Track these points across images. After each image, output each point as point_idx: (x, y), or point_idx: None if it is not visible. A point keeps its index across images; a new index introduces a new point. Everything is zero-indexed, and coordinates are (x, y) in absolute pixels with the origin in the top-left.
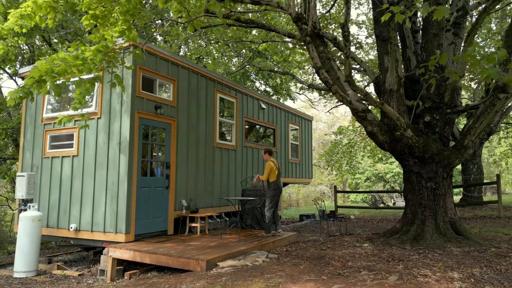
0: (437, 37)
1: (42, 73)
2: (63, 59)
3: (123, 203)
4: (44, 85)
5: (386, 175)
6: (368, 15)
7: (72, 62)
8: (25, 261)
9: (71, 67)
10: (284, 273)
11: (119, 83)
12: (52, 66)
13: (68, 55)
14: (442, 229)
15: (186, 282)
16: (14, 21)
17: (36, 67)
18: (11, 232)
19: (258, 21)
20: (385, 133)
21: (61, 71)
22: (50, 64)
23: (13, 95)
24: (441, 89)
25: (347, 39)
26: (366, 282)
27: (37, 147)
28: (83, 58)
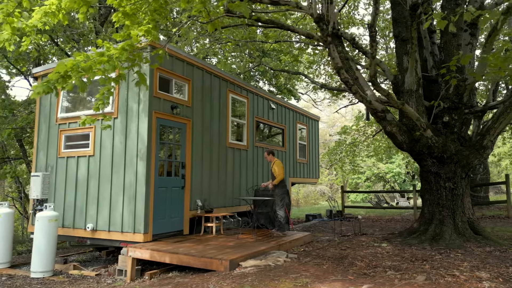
0: (456, 37)
1: (68, 68)
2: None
3: (141, 203)
4: (69, 81)
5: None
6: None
7: (97, 59)
8: (41, 261)
9: (96, 64)
10: (309, 273)
11: (143, 82)
12: (78, 62)
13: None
14: (461, 229)
15: (212, 282)
16: (38, 18)
17: (62, 63)
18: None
19: (278, 21)
20: (404, 133)
21: (86, 67)
22: (76, 60)
23: (37, 89)
24: (460, 90)
25: (374, 40)
26: (394, 282)
27: (51, 147)
28: (108, 55)
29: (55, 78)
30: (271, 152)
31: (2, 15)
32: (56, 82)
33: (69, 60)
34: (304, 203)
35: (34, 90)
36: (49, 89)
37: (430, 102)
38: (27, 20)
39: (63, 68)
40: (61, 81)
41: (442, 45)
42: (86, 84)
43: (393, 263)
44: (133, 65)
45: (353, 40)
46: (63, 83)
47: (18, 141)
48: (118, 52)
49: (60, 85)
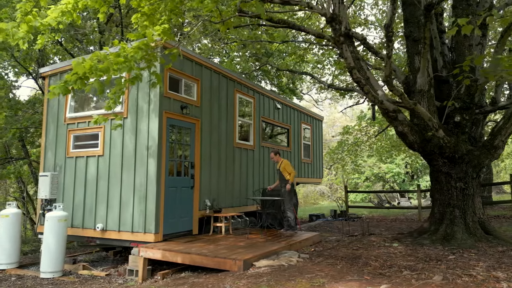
0: (468, 38)
1: (86, 70)
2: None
3: (152, 202)
4: (87, 82)
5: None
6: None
7: (114, 60)
8: (51, 262)
9: (113, 65)
10: (324, 273)
11: (159, 82)
12: (96, 64)
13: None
14: (472, 229)
15: (228, 282)
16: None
17: (79, 64)
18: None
19: (289, 21)
20: (415, 133)
21: (104, 68)
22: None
23: (54, 90)
24: (472, 90)
25: (390, 40)
26: (411, 282)
27: (60, 147)
28: (124, 55)
29: (73, 79)
30: (278, 153)
31: (20, 14)
32: (73, 83)
33: (87, 61)
34: (303, 203)
35: (51, 91)
36: (66, 90)
37: (440, 102)
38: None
39: (82, 70)
40: (79, 83)
41: (453, 45)
42: (104, 85)
43: (408, 263)
44: (149, 66)
45: (364, 40)
46: (81, 85)
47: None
48: (134, 51)
49: (77, 86)
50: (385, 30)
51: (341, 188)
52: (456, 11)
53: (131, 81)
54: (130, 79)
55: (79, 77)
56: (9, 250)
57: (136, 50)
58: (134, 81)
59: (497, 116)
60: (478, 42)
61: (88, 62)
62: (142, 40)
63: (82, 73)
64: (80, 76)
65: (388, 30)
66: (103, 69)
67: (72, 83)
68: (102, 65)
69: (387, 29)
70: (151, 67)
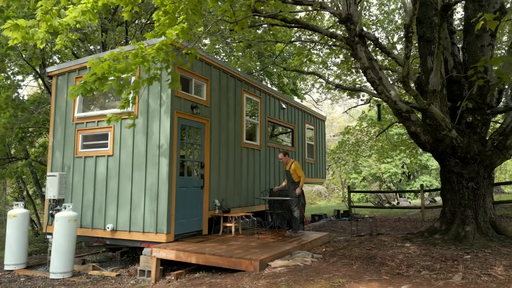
0: (480, 38)
1: (105, 70)
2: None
3: (164, 202)
4: (108, 82)
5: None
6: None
7: (132, 61)
8: (61, 262)
9: (131, 65)
10: (341, 273)
11: (177, 83)
12: (115, 64)
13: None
14: (483, 229)
15: (246, 282)
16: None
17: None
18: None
19: (302, 21)
20: (427, 134)
21: (123, 68)
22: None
23: (74, 91)
24: (484, 90)
25: (409, 40)
26: (431, 282)
27: (68, 146)
28: (143, 56)
29: (92, 80)
30: (286, 153)
31: (40, 13)
32: (92, 84)
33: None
34: None
35: (71, 92)
36: (86, 91)
37: (450, 102)
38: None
39: (101, 70)
40: (97, 83)
41: (465, 46)
42: (123, 85)
43: (425, 263)
44: (167, 66)
45: (376, 40)
46: (100, 85)
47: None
48: (155, 52)
49: (96, 86)
50: (405, 31)
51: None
52: (467, 12)
53: (148, 81)
54: (148, 79)
55: (98, 77)
56: (17, 250)
57: (156, 50)
58: (151, 81)
59: (497, 116)
60: (488, 42)
61: (106, 62)
62: (162, 41)
63: (101, 73)
64: (98, 76)
65: (408, 30)
66: (122, 69)
67: (91, 83)
68: (120, 65)
69: (406, 29)
70: (169, 67)
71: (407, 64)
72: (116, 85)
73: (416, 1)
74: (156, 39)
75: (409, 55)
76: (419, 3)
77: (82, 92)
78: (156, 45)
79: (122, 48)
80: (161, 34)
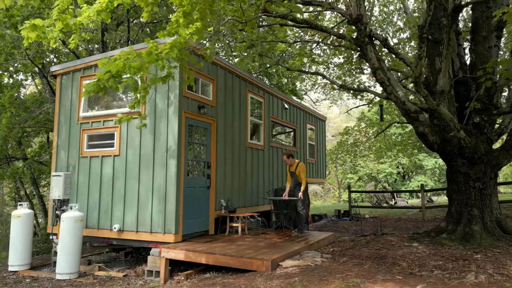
0: (487, 39)
1: (120, 68)
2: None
3: (172, 203)
4: (124, 80)
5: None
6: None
7: (146, 59)
8: (67, 263)
9: (145, 63)
10: (353, 273)
11: (191, 81)
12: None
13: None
14: (490, 228)
15: (260, 282)
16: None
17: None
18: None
19: (312, 22)
20: (435, 134)
21: (138, 66)
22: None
23: (88, 88)
24: (491, 91)
25: (423, 41)
26: (445, 281)
27: (73, 146)
28: (157, 54)
29: (106, 78)
30: (291, 155)
31: (56, 12)
32: (107, 81)
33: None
34: None
35: (86, 89)
36: (100, 88)
37: (456, 103)
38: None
39: (115, 68)
40: (112, 81)
41: (472, 47)
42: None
43: (436, 262)
44: (181, 65)
45: (385, 41)
46: (114, 83)
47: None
48: (168, 49)
49: (110, 84)
50: (419, 32)
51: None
52: (475, 14)
53: (163, 80)
54: (162, 78)
55: (112, 75)
56: (21, 251)
57: (170, 48)
58: (165, 80)
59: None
60: (494, 44)
61: (121, 60)
62: (176, 39)
63: (116, 71)
64: (113, 74)
65: (422, 31)
66: (137, 67)
67: (105, 81)
68: (135, 63)
69: (421, 30)
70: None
71: (420, 65)
72: (132, 83)
73: (431, 2)
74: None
75: (423, 56)
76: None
77: (96, 90)
78: (169, 42)
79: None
80: (174, 33)
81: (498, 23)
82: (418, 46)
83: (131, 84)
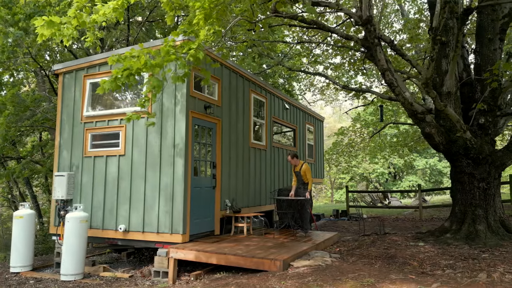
0: (492, 42)
1: (140, 66)
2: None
3: (180, 203)
4: (148, 78)
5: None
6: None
7: (166, 57)
8: (72, 264)
9: (164, 62)
10: (365, 272)
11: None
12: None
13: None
14: (494, 228)
15: (274, 282)
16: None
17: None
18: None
19: (320, 22)
20: (441, 135)
21: (158, 64)
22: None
23: (105, 85)
24: (496, 93)
25: (436, 43)
26: (458, 280)
27: (76, 146)
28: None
29: (125, 75)
30: (295, 155)
31: (74, 10)
32: (126, 78)
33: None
34: None
35: (102, 86)
36: (117, 86)
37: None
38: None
39: (136, 65)
40: (132, 79)
41: (478, 49)
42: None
43: (446, 261)
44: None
45: (392, 42)
46: (134, 81)
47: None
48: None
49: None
50: (433, 34)
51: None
52: (481, 16)
53: (181, 79)
54: (180, 77)
55: (130, 73)
56: (24, 252)
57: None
58: (184, 79)
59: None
60: (497, 46)
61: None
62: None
63: (136, 69)
64: (131, 72)
65: (436, 33)
66: (158, 65)
67: (124, 78)
68: (154, 61)
69: (434, 32)
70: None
71: (432, 67)
72: (156, 82)
73: (446, 4)
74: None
75: (435, 58)
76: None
77: (112, 87)
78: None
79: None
80: (189, 33)
81: (501, 26)
82: (431, 48)
83: (155, 84)
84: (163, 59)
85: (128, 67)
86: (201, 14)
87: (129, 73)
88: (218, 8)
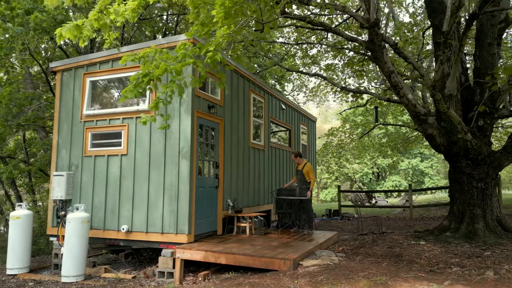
0: (491, 46)
1: (161, 71)
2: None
3: (185, 202)
4: (168, 85)
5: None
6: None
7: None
8: (74, 265)
9: (182, 66)
10: (374, 271)
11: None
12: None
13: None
14: (492, 227)
15: (287, 281)
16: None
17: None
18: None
19: (327, 24)
20: (442, 136)
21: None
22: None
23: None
24: (495, 96)
25: (446, 46)
26: (466, 278)
27: (75, 145)
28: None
29: (146, 81)
30: (299, 154)
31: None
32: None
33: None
34: None
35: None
36: (139, 93)
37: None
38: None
39: (158, 71)
40: (153, 85)
41: (477, 53)
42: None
43: (452, 259)
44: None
45: (396, 45)
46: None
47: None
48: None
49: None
50: (443, 37)
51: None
52: (481, 21)
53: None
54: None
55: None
56: (21, 253)
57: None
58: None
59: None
60: (496, 50)
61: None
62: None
63: (157, 75)
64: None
65: (447, 37)
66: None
67: (145, 84)
68: (174, 67)
69: (445, 36)
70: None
71: (441, 69)
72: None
73: (458, 9)
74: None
75: (445, 61)
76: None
77: (135, 94)
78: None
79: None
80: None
81: (498, 31)
82: (441, 52)
83: (177, 89)
84: (182, 64)
85: (147, 73)
86: (221, 13)
87: (149, 79)
88: (236, 8)
